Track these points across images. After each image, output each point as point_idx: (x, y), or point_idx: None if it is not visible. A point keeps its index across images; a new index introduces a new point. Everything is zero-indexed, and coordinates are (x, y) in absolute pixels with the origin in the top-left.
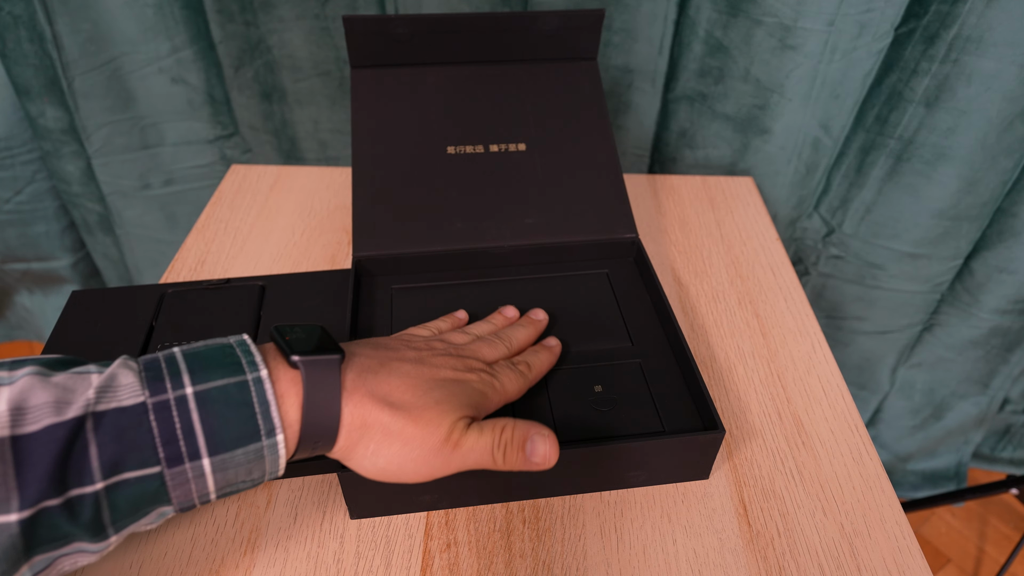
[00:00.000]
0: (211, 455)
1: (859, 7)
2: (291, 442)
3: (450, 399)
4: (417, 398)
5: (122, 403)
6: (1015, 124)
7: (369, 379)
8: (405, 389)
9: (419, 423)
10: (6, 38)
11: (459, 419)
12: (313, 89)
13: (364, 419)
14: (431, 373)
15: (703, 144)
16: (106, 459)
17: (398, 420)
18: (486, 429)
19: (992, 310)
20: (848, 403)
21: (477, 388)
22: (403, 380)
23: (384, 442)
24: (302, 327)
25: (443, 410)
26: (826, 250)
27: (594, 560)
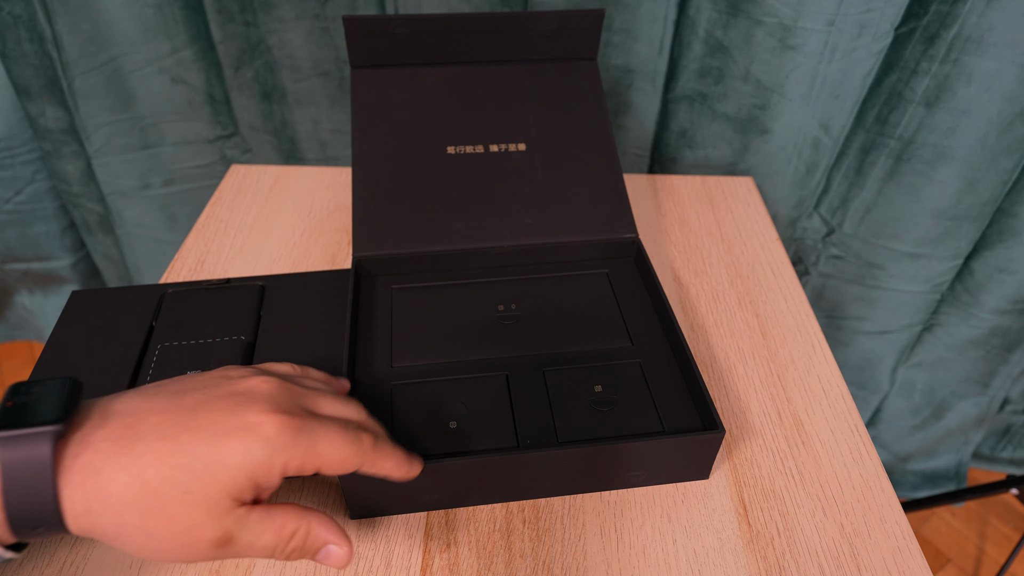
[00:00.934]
0: None
1: (859, 7)
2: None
3: (222, 487)
4: (166, 489)
5: None
6: (1015, 124)
7: (105, 449)
8: (156, 463)
9: (168, 526)
10: (6, 38)
11: (230, 513)
12: (313, 89)
13: (88, 505)
14: (199, 438)
15: (703, 144)
16: None
17: (136, 519)
18: (269, 527)
19: (992, 310)
20: (848, 403)
21: (270, 449)
22: (152, 454)
23: (129, 536)
24: (44, 383)
25: (207, 509)
26: (826, 250)
27: (594, 560)
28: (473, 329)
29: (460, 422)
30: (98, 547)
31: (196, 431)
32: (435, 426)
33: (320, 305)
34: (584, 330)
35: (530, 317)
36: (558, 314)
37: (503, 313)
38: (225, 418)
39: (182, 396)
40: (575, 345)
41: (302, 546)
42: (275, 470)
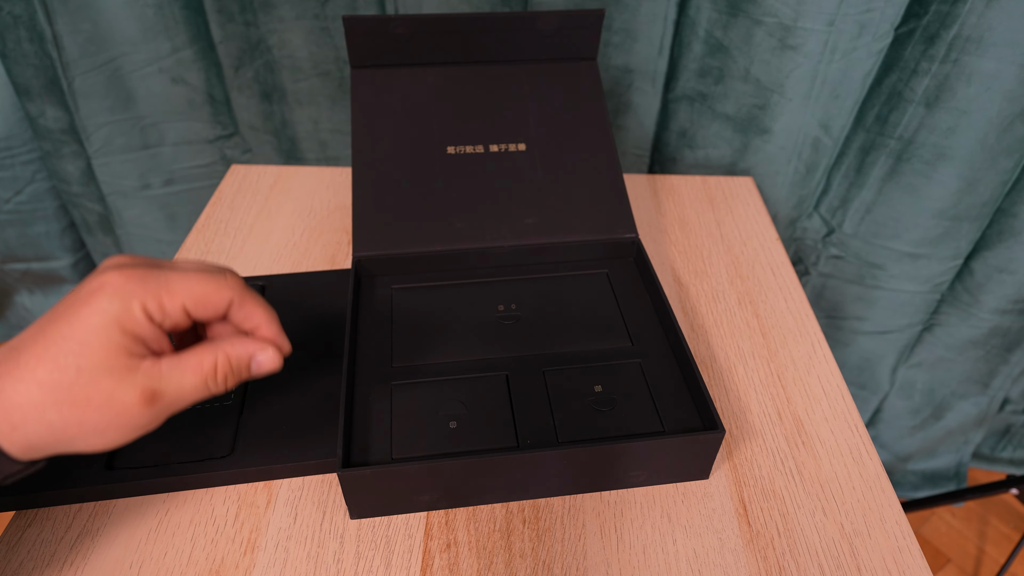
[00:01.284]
0: None
1: (859, 7)
2: None
3: (103, 349)
4: (59, 377)
5: None
6: (1015, 124)
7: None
8: (40, 361)
9: (88, 407)
10: (6, 38)
11: (136, 370)
12: (313, 89)
13: (11, 422)
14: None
15: (703, 144)
16: None
17: (56, 415)
18: (187, 370)
19: (992, 310)
20: (848, 403)
21: (120, 297)
22: (32, 357)
23: (65, 434)
24: None
25: (108, 375)
26: (826, 250)
27: (594, 560)
28: (473, 329)
29: (460, 422)
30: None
31: (56, 320)
32: (435, 426)
33: (320, 305)
34: (584, 330)
35: (530, 317)
36: (558, 314)
37: (503, 313)
38: (71, 299)
39: (44, 316)
40: (575, 345)
41: (230, 371)
42: (137, 316)
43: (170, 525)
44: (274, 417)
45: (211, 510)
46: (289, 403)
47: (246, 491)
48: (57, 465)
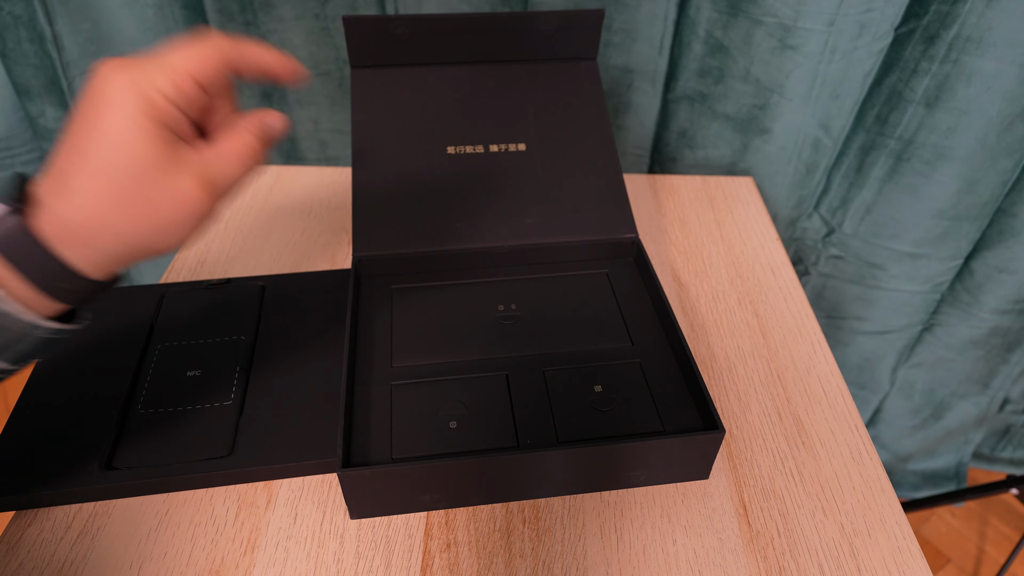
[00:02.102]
0: None
1: (859, 7)
2: (31, 298)
3: (140, 140)
4: (108, 182)
5: None
6: (1015, 124)
7: (50, 199)
8: (88, 179)
9: (148, 202)
10: (6, 38)
11: (181, 156)
12: (313, 89)
13: (77, 237)
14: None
15: (703, 144)
16: None
17: (118, 218)
18: (226, 158)
19: (992, 310)
20: (848, 403)
21: (125, 78)
22: (77, 171)
23: (133, 237)
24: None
25: (156, 166)
26: (826, 250)
27: (594, 560)
28: (473, 329)
29: (460, 422)
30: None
31: (86, 136)
32: (435, 426)
33: (320, 305)
34: (584, 330)
35: (530, 317)
36: (558, 314)
37: (503, 313)
38: (90, 109)
39: (67, 132)
40: (575, 345)
41: (257, 143)
42: (157, 99)
43: (170, 525)
44: (274, 417)
45: (211, 510)
46: (289, 403)
47: (246, 491)
48: (57, 465)
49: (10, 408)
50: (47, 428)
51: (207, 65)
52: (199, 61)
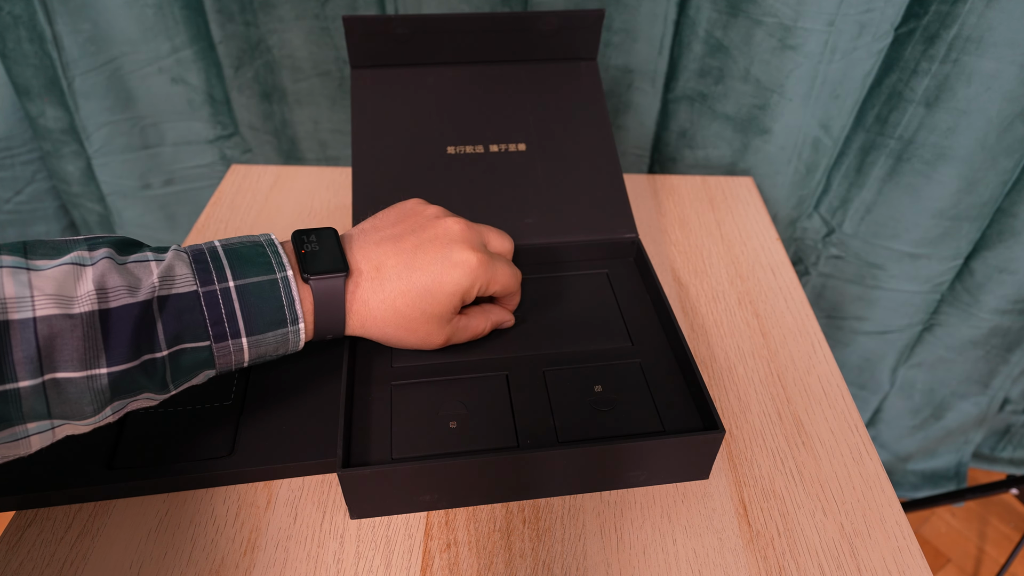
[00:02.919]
0: (248, 335)
1: (859, 7)
2: (308, 330)
3: (444, 308)
4: (409, 312)
5: (180, 290)
6: (1015, 124)
7: (367, 287)
8: (402, 296)
9: (413, 334)
10: (6, 38)
11: (449, 323)
12: (313, 89)
13: (363, 322)
14: (432, 257)
15: (703, 144)
16: (169, 333)
17: (392, 331)
18: (470, 329)
19: (992, 310)
20: (848, 403)
21: (473, 278)
22: (397, 292)
23: (388, 340)
24: (318, 235)
25: (437, 323)
26: (826, 250)
27: (594, 560)
28: None
29: (460, 422)
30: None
31: (421, 270)
32: (435, 426)
33: None
34: (584, 330)
35: (530, 317)
36: (558, 314)
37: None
38: (439, 257)
39: (401, 241)
40: (575, 345)
41: (488, 330)
42: (474, 291)
43: (170, 525)
44: (274, 417)
45: (211, 510)
46: (289, 403)
47: (246, 491)
48: (57, 465)
49: None
50: None
51: (503, 292)
52: (504, 288)
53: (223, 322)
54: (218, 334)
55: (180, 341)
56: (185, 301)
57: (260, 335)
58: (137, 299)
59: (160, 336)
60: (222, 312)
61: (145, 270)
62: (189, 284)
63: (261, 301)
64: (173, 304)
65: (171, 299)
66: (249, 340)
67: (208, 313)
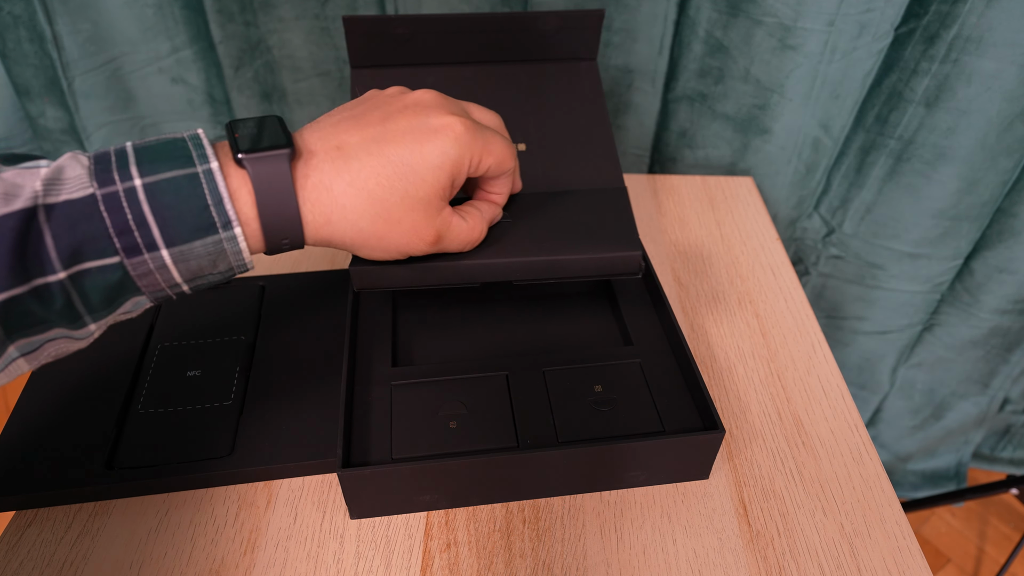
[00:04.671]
0: (168, 246)
1: (859, 7)
2: (253, 238)
3: (431, 187)
4: (387, 196)
5: (72, 195)
6: (1015, 124)
7: (327, 169)
8: (374, 175)
9: (394, 228)
10: (6, 38)
11: (439, 214)
12: (313, 89)
13: (328, 216)
14: (402, 131)
15: (703, 144)
16: (63, 249)
17: (368, 225)
18: (464, 229)
19: (992, 310)
20: (848, 403)
21: (461, 146)
22: (367, 169)
23: (363, 241)
24: (256, 120)
25: (423, 210)
26: (826, 250)
27: (594, 560)
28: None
29: (460, 422)
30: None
31: (394, 142)
32: (435, 426)
33: (320, 305)
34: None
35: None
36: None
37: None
38: (414, 125)
39: (364, 116)
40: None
41: (483, 233)
42: (464, 166)
43: (170, 525)
44: (274, 417)
45: (211, 510)
46: (289, 403)
47: (246, 491)
48: (57, 465)
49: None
50: (47, 428)
51: (499, 170)
52: (500, 163)
53: (131, 231)
54: (128, 246)
55: (80, 259)
56: (79, 207)
57: (184, 245)
58: (12, 208)
59: (51, 253)
60: (128, 218)
61: (30, 176)
62: (83, 187)
63: (178, 200)
64: (63, 212)
65: (60, 207)
66: (171, 252)
67: (111, 220)
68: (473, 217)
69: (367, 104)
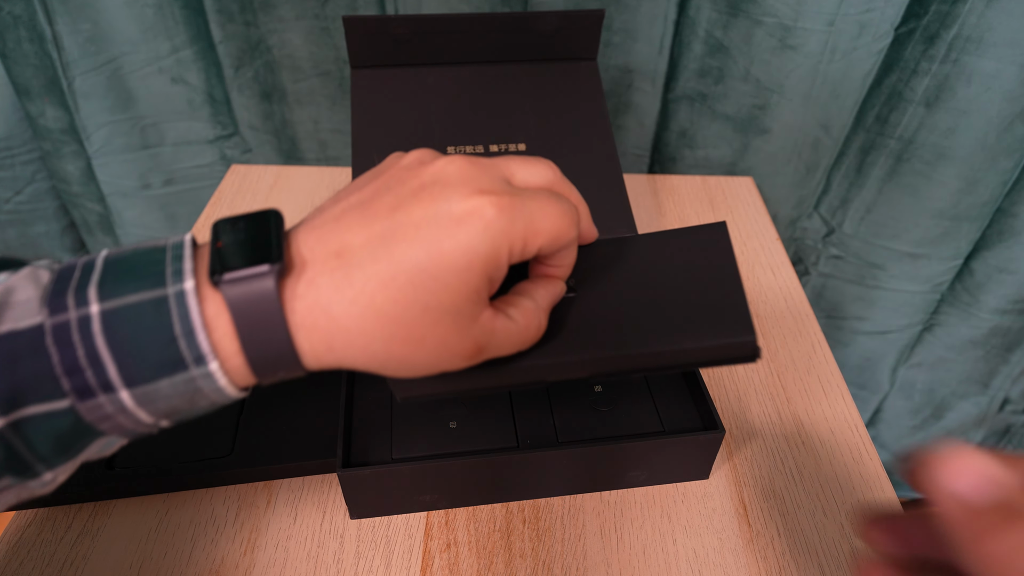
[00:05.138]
0: (128, 386)
1: (859, 7)
2: (237, 372)
3: (458, 293)
4: (402, 312)
5: (16, 325)
6: (1015, 124)
7: (325, 285)
8: (383, 288)
9: (418, 348)
10: (6, 38)
11: (475, 322)
12: (313, 89)
13: (329, 344)
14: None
15: (703, 144)
16: (0, 392)
17: (382, 347)
18: (514, 331)
19: (992, 310)
20: (848, 403)
21: (492, 235)
22: (373, 280)
23: (381, 364)
24: (247, 220)
25: (452, 322)
26: (826, 250)
27: (594, 560)
28: None
29: (460, 422)
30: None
31: (406, 240)
32: (435, 426)
33: None
34: None
35: None
36: None
37: None
38: (431, 215)
39: (372, 205)
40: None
41: (545, 324)
42: (503, 259)
43: (170, 525)
44: (274, 417)
45: (211, 510)
46: (289, 403)
47: (246, 491)
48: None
49: None
50: None
51: (557, 246)
52: (556, 238)
53: (82, 369)
54: (79, 387)
55: (22, 403)
56: (22, 341)
57: (147, 385)
58: None
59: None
60: (79, 354)
61: None
62: (31, 314)
63: (140, 331)
64: (3, 347)
65: (1, 341)
66: (132, 393)
67: (59, 356)
68: (525, 313)
69: (379, 182)
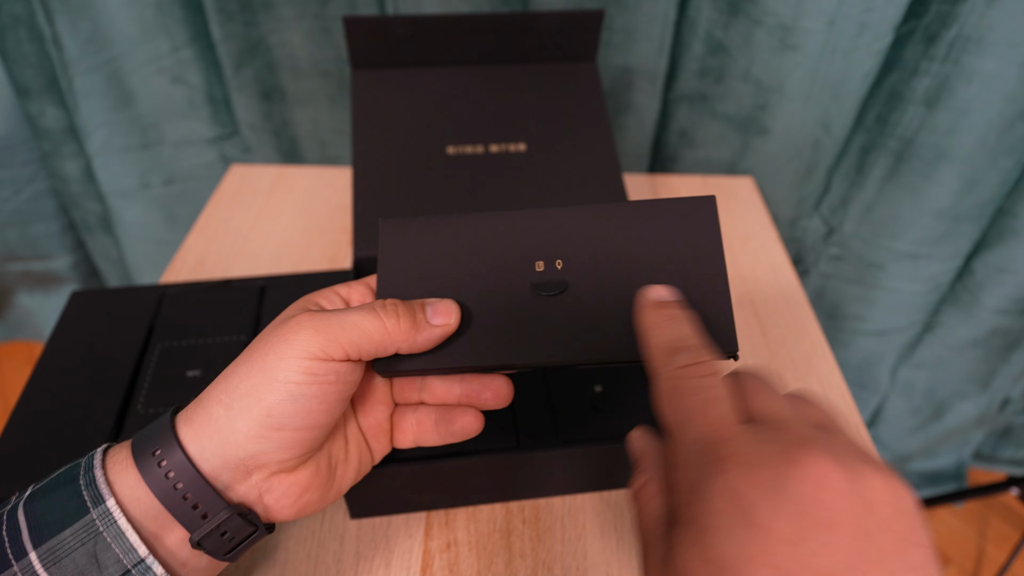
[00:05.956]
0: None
1: (859, 7)
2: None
3: None
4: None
5: None
6: (1015, 124)
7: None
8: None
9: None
10: (6, 38)
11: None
12: (313, 89)
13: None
14: None
15: (703, 144)
16: None
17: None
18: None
19: (992, 310)
20: (848, 403)
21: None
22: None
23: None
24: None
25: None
26: (826, 250)
27: (594, 560)
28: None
29: None
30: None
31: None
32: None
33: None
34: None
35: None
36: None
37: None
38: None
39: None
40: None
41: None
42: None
43: None
44: None
45: None
46: None
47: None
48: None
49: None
50: (47, 428)
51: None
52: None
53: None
54: None
55: None
56: None
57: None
58: None
59: None
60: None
61: None
62: None
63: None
64: None
65: None
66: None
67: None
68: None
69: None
